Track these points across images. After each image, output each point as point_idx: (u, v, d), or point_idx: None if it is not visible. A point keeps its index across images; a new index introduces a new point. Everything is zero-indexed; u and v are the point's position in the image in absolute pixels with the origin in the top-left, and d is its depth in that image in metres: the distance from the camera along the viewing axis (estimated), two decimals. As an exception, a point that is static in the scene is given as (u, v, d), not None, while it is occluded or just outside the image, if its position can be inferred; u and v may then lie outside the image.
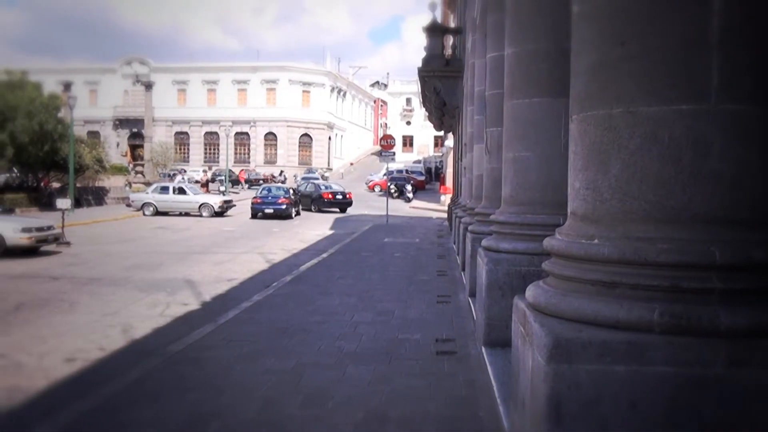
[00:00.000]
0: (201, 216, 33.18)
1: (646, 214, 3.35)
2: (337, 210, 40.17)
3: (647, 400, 3.14)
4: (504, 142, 7.53)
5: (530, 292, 3.91)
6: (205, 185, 51.62)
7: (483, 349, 7.24)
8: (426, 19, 27.52)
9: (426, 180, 68.20)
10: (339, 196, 40.91)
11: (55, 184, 37.40)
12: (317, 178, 57.23)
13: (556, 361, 3.22)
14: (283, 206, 34.12)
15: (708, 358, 3.13)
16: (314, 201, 40.46)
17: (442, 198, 44.65)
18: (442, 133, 45.32)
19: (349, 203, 40.94)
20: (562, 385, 3.21)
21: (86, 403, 6.02)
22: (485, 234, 8.60)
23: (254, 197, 35.71)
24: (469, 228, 11.27)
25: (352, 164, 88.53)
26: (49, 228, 18.43)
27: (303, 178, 59.62)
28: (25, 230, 17.35)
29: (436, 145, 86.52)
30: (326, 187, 43.41)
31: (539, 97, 6.80)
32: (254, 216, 34.00)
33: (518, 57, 7.05)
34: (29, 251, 17.59)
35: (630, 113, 3.36)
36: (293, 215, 35.18)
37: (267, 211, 33.79)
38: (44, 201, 33.22)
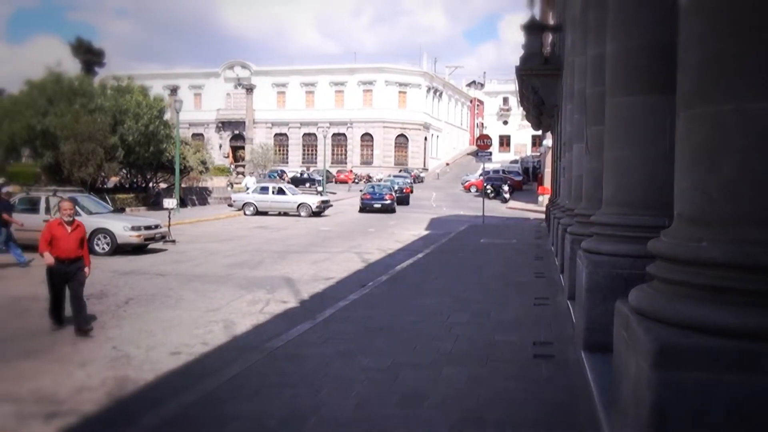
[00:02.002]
0: (299, 216, 33.83)
1: (759, 216, 3.19)
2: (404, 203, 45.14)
3: (760, 411, 2.99)
4: (605, 141, 7.33)
5: (634, 295, 3.79)
6: None
7: (582, 354, 7.08)
8: (524, 17, 27.13)
9: (523, 180, 67.22)
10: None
11: (162, 185, 38.99)
12: (407, 177, 58.74)
13: (661, 367, 3.12)
14: (389, 201, 38.67)
15: (828, 369, 2.95)
16: None
17: (540, 198, 43.93)
18: (539, 132, 44.52)
19: (407, 197, 47.07)
20: (668, 393, 3.10)
21: (191, 395, 6.26)
22: (585, 235, 8.40)
23: (363, 194, 40.21)
24: (569, 229, 11.02)
25: (447, 164, 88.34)
26: (157, 227, 19.22)
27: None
28: (134, 228, 18.16)
29: (533, 144, 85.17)
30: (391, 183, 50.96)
31: (642, 95, 6.59)
32: (362, 210, 37.86)
33: (620, 53, 6.85)
34: (138, 248, 18.41)
35: (741, 110, 3.21)
36: (396, 209, 38.89)
37: (375, 206, 38.17)
38: (152, 201, 34.69)
